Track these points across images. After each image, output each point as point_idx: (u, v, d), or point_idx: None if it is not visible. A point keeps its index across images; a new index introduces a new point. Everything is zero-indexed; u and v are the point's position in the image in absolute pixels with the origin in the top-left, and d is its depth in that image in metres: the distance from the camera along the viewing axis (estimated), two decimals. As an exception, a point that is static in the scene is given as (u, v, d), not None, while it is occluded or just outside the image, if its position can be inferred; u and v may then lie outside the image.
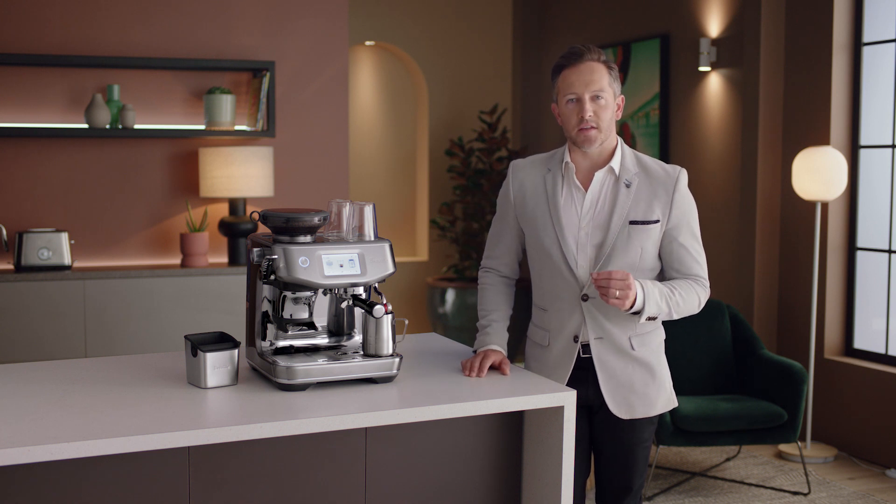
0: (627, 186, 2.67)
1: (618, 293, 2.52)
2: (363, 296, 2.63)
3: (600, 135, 2.65)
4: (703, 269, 2.72)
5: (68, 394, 2.40)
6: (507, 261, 2.87)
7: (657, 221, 2.66)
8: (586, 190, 2.70)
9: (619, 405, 2.71)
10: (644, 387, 2.71)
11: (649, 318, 2.62)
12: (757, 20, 5.49)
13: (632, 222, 2.65)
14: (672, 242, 2.69)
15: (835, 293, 5.33)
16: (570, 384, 2.72)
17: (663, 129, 6.30)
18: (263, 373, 2.55)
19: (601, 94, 2.63)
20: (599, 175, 2.69)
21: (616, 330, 2.68)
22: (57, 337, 4.64)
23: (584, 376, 2.72)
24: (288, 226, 2.51)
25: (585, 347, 2.71)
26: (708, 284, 2.73)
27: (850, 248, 5.32)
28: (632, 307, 2.56)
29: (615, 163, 2.69)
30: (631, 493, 2.80)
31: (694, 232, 2.71)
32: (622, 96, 2.71)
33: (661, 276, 2.77)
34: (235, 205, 5.04)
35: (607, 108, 2.65)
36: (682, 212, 2.68)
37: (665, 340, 2.81)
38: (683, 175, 2.70)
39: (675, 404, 2.81)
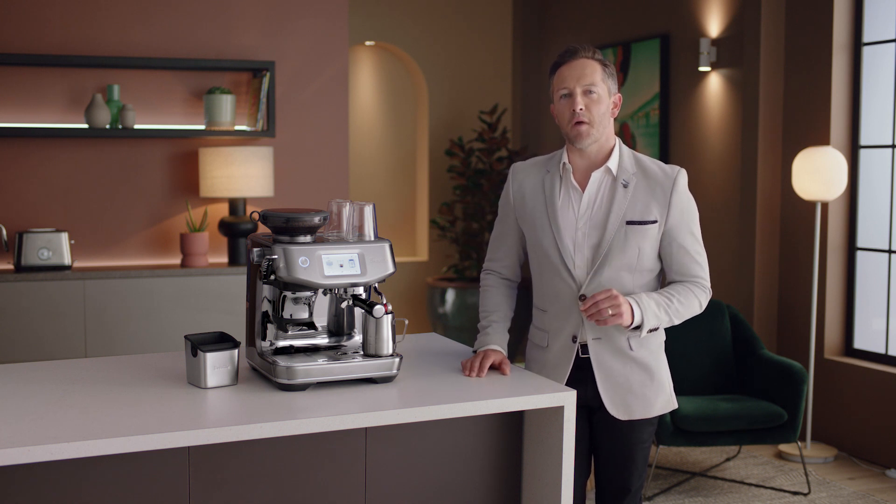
0: (625, 186, 2.67)
1: (610, 311, 2.54)
2: (363, 296, 2.63)
3: (592, 130, 2.65)
4: (703, 270, 2.71)
5: (68, 394, 2.40)
6: (509, 263, 2.88)
7: (654, 222, 2.66)
8: (584, 190, 2.70)
9: (617, 406, 2.71)
10: (642, 388, 2.71)
11: (650, 331, 2.64)
12: (757, 20, 5.49)
13: (629, 222, 2.65)
14: (671, 243, 2.69)
15: (835, 293, 5.33)
16: (569, 385, 2.72)
17: (663, 129, 6.30)
18: (263, 373, 2.55)
19: (593, 88, 2.63)
20: (596, 175, 2.69)
21: (614, 331, 2.68)
22: (57, 337, 4.64)
23: (583, 377, 2.72)
24: (288, 226, 2.51)
25: (584, 348, 2.71)
26: (708, 285, 2.72)
27: (850, 248, 5.32)
28: (631, 323, 2.58)
29: (612, 163, 2.69)
30: (630, 493, 2.79)
31: (693, 232, 2.70)
32: (619, 94, 2.71)
33: (662, 276, 2.77)
34: (235, 205, 5.04)
35: (600, 102, 2.64)
36: (681, 212, 2.67)
37: (665, 341, 2.80)
38: (682, 175, 2.69)
39: (675, 406, 2.80)
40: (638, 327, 2.61)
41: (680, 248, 2.69)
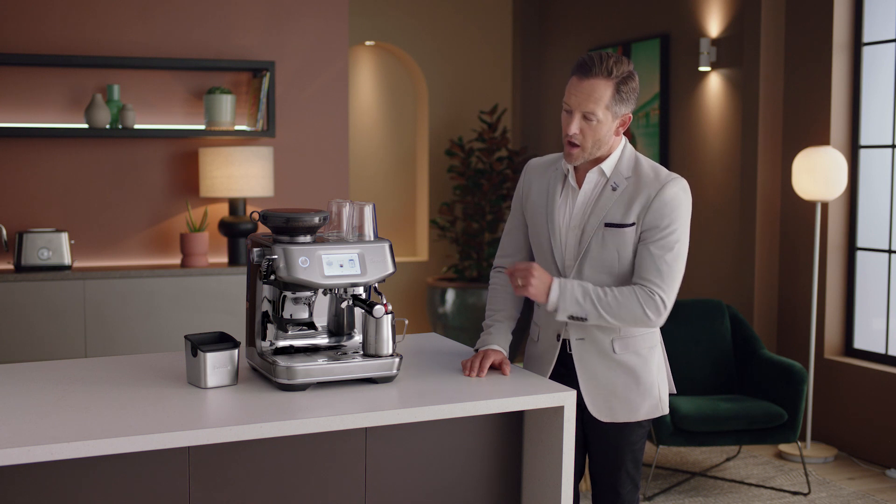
0: (613, 189, 2.64)
1: (520, 281, 2.58)
2: (363, 296, 2.63)
3: (583, 153, 2.61)
4: (659, 278, 2.56)
5: (68, 394, 2.40)
6: (519, 259, 2.87)
7: (632, 225, 2.61)
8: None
9: (600, 408, 2.69)
10: (626, 392, 2.68)
11: (574, 318, 2.58)
12: (757, 20, 5.49)
13: (607, 225, 2.62)
14: (641, 247, 2.60)
15: (835, 293, 5.33)
16: (555, 380, 2.72)
17: (663, 129, 6.30)
18: (263, 373, 2.55)
19: (593, 116, 2.56)
20: (591, 176, 2.68)
21: (598, 332, 2.67)
22: (57, 337, 4.64)
23: (569, 373, 2.72)
24: (288, 226, 2.51)
25: (571, 345, 2.71)
26: (661, 294, 2.57)
27: (850, 248, 5.32)
28: (546, 301, 2.58)
29: (606, 165, 2.65)
30: (620, 497, 2.76)
31: (668, 243, 2.57)
32: (629, 114, 2.62)
33: None
34: (235, 205, 5.04)
35: (598, 127, 2.58)
36: (659, 218, 2.58)
37: (664, 342, 2.78)
38: (674, 183, 2.60)
39: (664, 412, 2.76)
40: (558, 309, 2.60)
41: (645, 251, 2.59)
